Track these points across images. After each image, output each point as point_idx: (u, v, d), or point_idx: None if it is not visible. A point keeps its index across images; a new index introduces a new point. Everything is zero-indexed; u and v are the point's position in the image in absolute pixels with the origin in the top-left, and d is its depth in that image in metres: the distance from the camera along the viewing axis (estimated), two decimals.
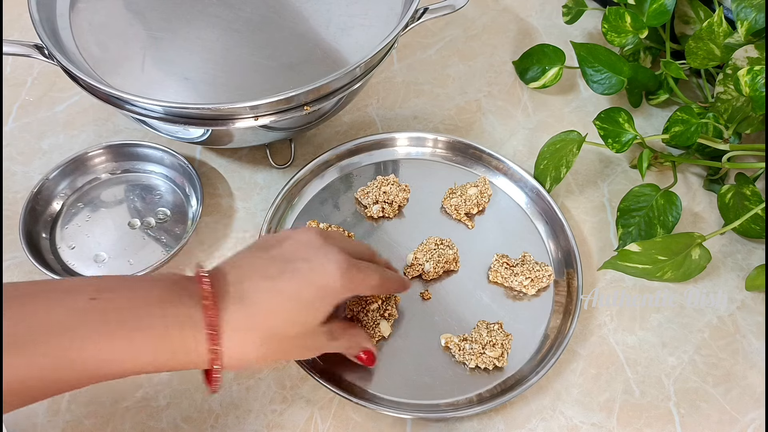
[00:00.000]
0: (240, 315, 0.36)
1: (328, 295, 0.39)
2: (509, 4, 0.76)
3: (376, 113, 0.65)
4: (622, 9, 0.59)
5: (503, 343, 0.48)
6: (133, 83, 0.50)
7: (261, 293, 0.37)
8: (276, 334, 0.37)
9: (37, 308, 0.32)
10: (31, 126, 0.62)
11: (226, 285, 0.37)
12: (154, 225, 0.55)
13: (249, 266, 0.38)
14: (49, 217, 0.55)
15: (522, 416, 0.48)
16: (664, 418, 0.48)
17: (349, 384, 0.47)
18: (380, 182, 0.56)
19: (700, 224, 0.59)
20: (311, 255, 0.39)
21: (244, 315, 0.36)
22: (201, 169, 0.59)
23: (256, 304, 0.37)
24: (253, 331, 0.36)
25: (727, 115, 0.57)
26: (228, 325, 0.36)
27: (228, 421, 0.47)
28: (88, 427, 0.46)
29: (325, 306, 0.39)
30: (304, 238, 0.40)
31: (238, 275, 0.38)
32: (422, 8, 0.55)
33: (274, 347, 0.38)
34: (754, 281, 0.53)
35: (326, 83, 0.47)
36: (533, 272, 0.52)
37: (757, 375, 0.51)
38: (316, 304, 0.39)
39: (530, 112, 0.66)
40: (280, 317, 0.37)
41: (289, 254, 0.39)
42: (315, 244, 0.39)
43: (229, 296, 0.36)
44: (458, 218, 0.56)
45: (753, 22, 0.53)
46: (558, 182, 0.56)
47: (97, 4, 0.55)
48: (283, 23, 0.55)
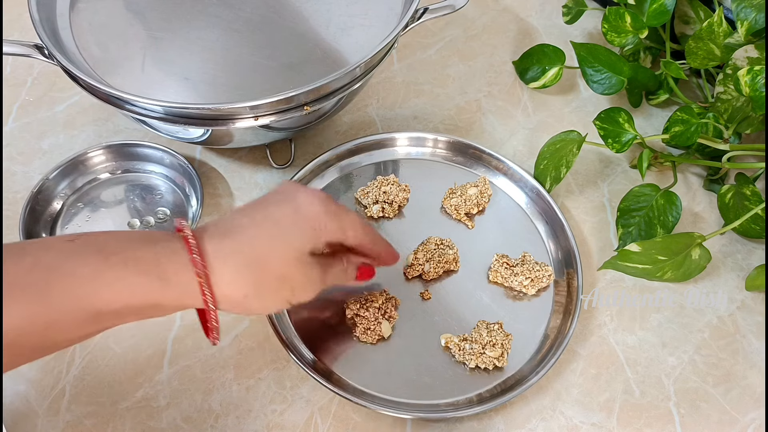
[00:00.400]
0: (222, 244, 0.36)
1: (312, 222, 0.38)
2: (509, 4, 0.76)
3: (376, 113, 0.65)
4: (622, 9, 0.59)
5: (503, 343, 0.48)
6: (133, 83, 0.50)
7: (242, 225, 0.37)
8: (263, 258, 0.37)
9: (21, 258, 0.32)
10: (31, 126, 0.62)
11: (206, 227, 0.37)
12: (153, 224, 0.55)
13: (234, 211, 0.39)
14: (49, 217, 0.55)
15: (522, 416, 0.48)
16: (664, 418, 0.48)
17: (349, 384, 0.47)
18: (380, 182, 0.56)
19: (700, 224, 0.59)
20: (290, 192, 0.39)
21: (226, 243, 0.36)
22: (201, 169, 0.59)
23: (236, 234, 0.37)
24: (236, 255, 0.36)
25: (727, 115, 0.57)
26: (211, 255, 0.35)
27: (228, 421, 0.47)
28: (88, 427, 0.46)
29: (309, 231, 0.38)
30: (282, 185, 0.41)
31: (219, 220, 0.38)
32: (422, 8, 0.55)
33: (263, 274, 0.37)
34: (754, 281, 0.53)
35: (326, 83, 0.47)
36: (533, 272, 0.52)
37: (757, 375, 0.51)
38: (299, 229, 0.38)
39: (530, 112, 0.66)
40: (262, 242, 0.37)
41: (269, 197, 0.40)
42: (294, 186, 0.40)
43: (209, 233, 0.36)
44: (458, 218, 0.56)
45: (753, 22, 0.53)
46: (558, 182, 0.56)
47: (97, 4, 0.55)
48: (283, 23, 0.55)
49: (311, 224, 0.39)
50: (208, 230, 0.37)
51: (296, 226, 0.38)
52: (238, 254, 0.36)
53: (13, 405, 0.46)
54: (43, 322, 0.32)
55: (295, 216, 0.38)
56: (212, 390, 0.48)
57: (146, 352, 0.49)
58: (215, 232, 0.37)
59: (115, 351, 0.49)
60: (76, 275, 0.32)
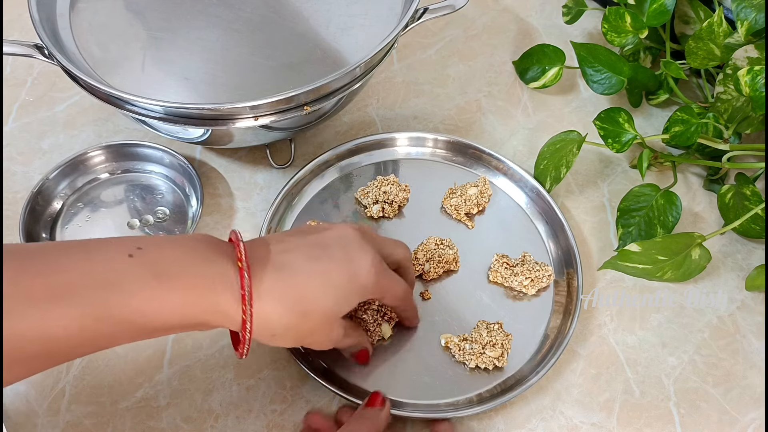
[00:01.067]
0: (275, 283, 0.37)
1: (358, 288, 0.39)
2: (509, 4, 0.76)
3: (376, 113, 0.65)
4: (622, 9, 0.59)
5: (503, 343, 0.48)
6: (133, 83, 0.50)
7: (299, 269, 0.38)
8: (304, 310, 0.38)
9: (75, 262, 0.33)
10: (31, 126, 0.62)
11: (267, 253, 0.38)
12: (152, 223, 0.55)
13: (293, 243, 0.39)
14: (49, 217, 0.55)
15: (522, 416, 0.48)
16: (664, 418, 0.48)
17: (349, 384, 0.47)
18: (380, 182, 0.56)
19: (700, 224, 0.59)
20: (349, 247, 0.40)
21: (280, 284, 0.37)
22: (201, 169, 0.59)
23: (292, 277, 0.37)
24: (284, 301, 0.37)
25: (727, 115, 0.57)
26: (262, 288, 0.36)
27: (228, 421, 0.47)
28: (88, 427, 0.46)
29: (353, 297, 0.40)
30: (344, 232, 0.41)
31: (282, 248, 0.39)
32: (422, 8, 0.55)
33: (299, 324, 0.38)
34: (754, 281, 0.53)
35: (326, 83, 0.47)
36: (533, 272, 0.52)
37: (757, 375, 0.51)
38: (346, 294, 0.39)
39: (530, 112, 0.66)
40: (311, 295, 0.38)
41: (329, 242, 0.40)
42: (354, 238, 0.41)
43: (269, 263, 0.37)
44: (458, 218, 0.56)
45: (753, 22, 0.53)
46: (558, 182, 0.56)
47: (97, 4, 0.55)
48: (283, 23, 0.55)
49: (358, 293, 0.40)
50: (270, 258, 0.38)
51: (345, 289, 0.39)
52: (288, 300, 0.37)
53: (13, 405, 0.46)
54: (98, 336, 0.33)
55: (347, 279, 0.39)
56: (212, 390, 0.48)
57: (146, 352, 0.49)
58: (272, 266, 0.37)
59: (115, 351, 0.49)
60: (136, 296, 0.33)
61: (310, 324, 0.38)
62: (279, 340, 0.39)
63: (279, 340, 0.38)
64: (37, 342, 0.31)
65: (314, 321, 0.38)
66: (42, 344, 0.31)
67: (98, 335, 0.33)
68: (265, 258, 0.38)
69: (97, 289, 0.32)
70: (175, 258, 0.35)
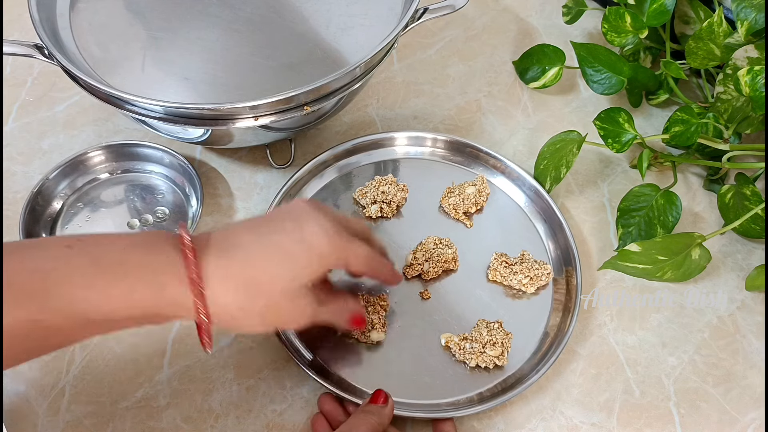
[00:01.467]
0: (221, 262, 0.36)
1: (314, 255, 0.38)
2: (509, 4, 0.76)
3: (376, 113, 0.65)
4: (622, 9, 0.59)
5: (503, 342, 0.48)
6: (133, 83, 0.50)
7: (244, 244, 0.37)
8: (259, 283, 0.36)
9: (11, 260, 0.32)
10: (31, 126, 0.62)
11: (208, 239, 0.37)
12: (152, 222, 0.55)
13: (238, 226, 0.39)
14: (49, 217, 0.55)
15: (522, 416, 0.48)
16: (664, 418, 0.48)
17: (349, 384, 0.47)
18: (378, 182, 0.56)
19: (700, 224, 0.59)
20: (300, 217, 0.39)
21: (226, 262, 0.36)
22: (201, 169, 0.59)
23: (238, 253, 0.36)
24: (234, 280, 0.36)
25: (727, 115, 0.57)
26: (208, 271, 0.35)
27: (228, 421, 0.47)
28: (88, 427, 0.46)
29: (312, 264, 0.38)
30: (294, 205, 0.40)
31: (224, 233, 0.38)
32: (422, 8, 0.55)
33: (256, 302, 0.37)
34: (754, 281, 0.53)
35: (326, 83, 0.47)
36: (532, 270, 0.52)
37: (757, 375, 0.51)
38: (301, 261, 0.38)
39: (530, 112, 0.66)
40: (261, 266, 0.37)
41: (279, 216, 0.39)
42: (304, 209, 0.39)
43: (210, 247, 0.36)
44: (456, 217, 0.56)
45: (753, 22, 0.53)
46: (558, 182, 0.56)
47: (97, 4, 0.55)
48: (283, 23, 0.55)
49: (315, 260, 0.38)
50: (211, 242, 0.37)
51: (298, 257, 0.38)
52: (236, 276, 0.36)
53: (13, 405, 0.46)
54: (42, 327, 0.32)
55: (299, 246, 0.38)
56: (212, 390, 0.48)
57: (146, 352, 0.49)
58: (217, 247, 0.36)
59: (115, 351, 0.49)
60: (73, 283, 0.32)
61: (270, 301, 0.37)
62: (242, 324, 0.37)
63: (242, 323, 0.37)
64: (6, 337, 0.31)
65: (273, 297, 0.37)
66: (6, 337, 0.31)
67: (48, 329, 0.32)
68: (207, 242, 0.36)
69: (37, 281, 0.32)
70: (116, 247, 0.34)
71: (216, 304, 0.35)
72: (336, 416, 0.45)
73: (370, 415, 0.41)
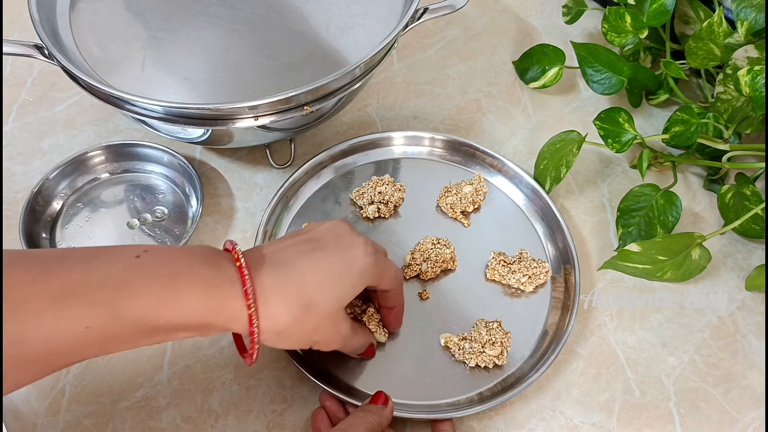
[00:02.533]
0: (275, 278, 0.37)
1: (357, 273, 0.40)
2: (509, 4, 0.76)
3: (376, 113, 0.65)
4: (622, 9, 0.59)
5: (503, 341, 0.48)
6: (133, 83, 0.50)
7: (296, 262, 0.38)
8: (307, 303, 0.38)
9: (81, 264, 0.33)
10: (31, 126, 0.62)
11: (261, 255, 0.38)
12: (150, 222, 0.55)
13: (285, 243, 0.40)
14: (49, 217, 0.55)
15: (522, 416, 0.48)
16: (664, 418, 0.48)
17: (348, 385, 0.47)
18: (375, 183, 0.56)
19: (700, 224, 0.59)
20: (341, 236, 0.41)
21: (280, 280, 0.37)
22: (201, 169, 0.59)
23: (291, 270, 0.38)
24: (286, 296, 0.37)
25: (727, 115, 0.57)
26: (263, 287, 0.36)
27: (228, 421, 0.47)
28: (88, 427, 0.46)
29: (353, 283, 0.40)
30: (333, 224, 0.42)
31: (275, 248, 0.39)
32: (422, 8, 0.55)
33: (304, 319, 0.38)
34: (754, 281, 0.53)
35: (326, 83, 0.47)
36: (530, 269, 0.52)
37: (757, 375, 0.51)
38: (346, 280, 0.40)
39: (530, 112, 0.66)
40: (312, 287, 0.38)
41: (321, 235, 0.41)
42: (344, 228, 0.41)
43: (265, 263, 0.38)
44: (454, 217, 0.56)
45: (753, 22, 0.53)
46: (558, 182, 0.56)
47: (97, 4, 0.55)
48: (283, 23, 0.55)
49: (358, 279, 0.40)
50: (265, 258, 0.38)
51: (347, 279, 0.40)
52: (289, 294, 0.37)
53: (13, 405, 0.46)
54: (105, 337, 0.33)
55: (347, 267, 0.39)
56: (212, 390, 0.48)
57: (146, 352, 0.49)
58: (271, 264, 0.38)
59: None
60: (143, 294, 0.33)
61: (315, 318, 0.38)
62: (286, 339, 0.38)
63: (286, 338, 0.38)
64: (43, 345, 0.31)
65: (319, 314, 0.38)
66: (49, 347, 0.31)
67: (104, 337, 0.33)
68: (260, 259, 0.38)
69: (105, 289, 0.32)
70: (180, 259, 0.35)
71: (266, 319, 0.36)
72: (336, 412, 0.46)
73: (369, 414, 0.42)
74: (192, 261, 0.35)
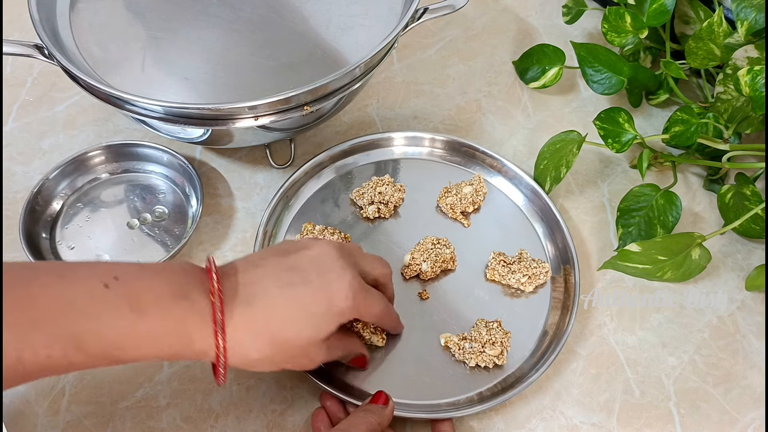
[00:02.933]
0: (246, 318, 0.37)
1: (335, 313, 0.39)
2: (509, 4, 0.76)
3: (376, 113, 0.65)
4: (622, 9, 0.59)
5: (503, 341, 0.48)
6: (133, 83, 0.50)
7: (270, 298, 0.38)
8: (279, 341, 0.38)
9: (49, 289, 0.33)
10: (31, 126, 0.62)
11: (236, 285, 0.38)
12: (150, 221, 0.55)
13: (263, 269, 0.39)
14: (49, 217, 0.55)
15: (522, 416, 0.48)
16: (664, 418, 0.48)
17: (348, 385, 0.47)
18: (375, 183, 0.56)
19: (700, 224, 0.59)
20: (326, 269, 0.39)
21: (250, 318, 0.37)
22: (201, 169, 0.59)
23: (263, 310, 0.37)
24: (257, 334, 0.37)
25: (727, 115, 0.57)
26: (233, 326, 0.36)
27: (228, 421, 0.47)
28: (88, 427, 0.46)
29: (330, 324, 0.39)
30: (322, 251, 0.40)
31: (250, 276, 0.38)
32: (422, 8, 0.55)
33: (277, 353, 0.38)
34: (754, 281, 0.53)
35: (326, 83, 0.47)
36: (530, 269, 0.52)
37: (757, 375, 0.51)
38: (322, 320, 0.39)
39: (530, 112, 0.66)
40: (285, 325, 0.38)
41: (305, 264, 0.39)
42: (332, 259, 0.40)
43: (238, 297, 0.37)
44: (454, 217, 0.56)
45: (753, 22, 0.53)
46: (558, 182, 0.56)
47: (97, 4, 0.55)
48: (283, 23, 0.55)
49: (335, 319, 0.39)
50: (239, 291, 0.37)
51: (322, 317, 0.39)
52: (260, 333, 0.37)
53: (13, 405, 0.46)
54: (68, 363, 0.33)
55: (324, 306, 0.38)
56: (212, 390, 0.48)
57: None
58: (244, 298, 0.37)
59: None
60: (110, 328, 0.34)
61: (286, 353, 0.38)
62: (257, 367, 0.39)
63: (257, 367, 0.39)
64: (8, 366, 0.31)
65: (289, 349, 0.38)
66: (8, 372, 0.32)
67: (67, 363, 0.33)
68: (234, 291, 0.37)
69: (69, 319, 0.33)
70: (151, 290, 0.35)
71: (235, 353, 0.37)
72: (336, 412, 0.46)
73: (370, 414, 0.42)
74: (163, 292, 0.35)
